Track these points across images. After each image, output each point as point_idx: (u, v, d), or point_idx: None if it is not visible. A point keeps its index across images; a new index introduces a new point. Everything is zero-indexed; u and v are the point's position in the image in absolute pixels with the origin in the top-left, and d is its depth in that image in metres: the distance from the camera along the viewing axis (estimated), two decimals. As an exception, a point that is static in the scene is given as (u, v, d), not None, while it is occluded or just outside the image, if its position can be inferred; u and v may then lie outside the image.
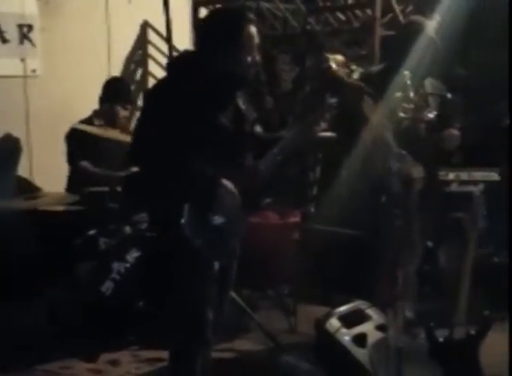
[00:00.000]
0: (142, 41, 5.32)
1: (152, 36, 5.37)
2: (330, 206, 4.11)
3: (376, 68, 3.65)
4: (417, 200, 2.25)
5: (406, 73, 3.15)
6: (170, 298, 2.52)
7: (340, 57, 5.63)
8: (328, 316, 2.82)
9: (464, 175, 4.03)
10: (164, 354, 2.70)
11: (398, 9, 4.45)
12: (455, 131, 3.29)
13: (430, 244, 2.80)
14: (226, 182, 2.36)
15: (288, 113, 4.63)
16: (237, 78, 2.42)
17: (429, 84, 3.52)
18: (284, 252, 3.99)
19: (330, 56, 5.58)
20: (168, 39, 3.36)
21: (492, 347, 3.35)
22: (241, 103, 2.52)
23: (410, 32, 3.35)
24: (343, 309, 2.87)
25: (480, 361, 2.79)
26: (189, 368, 2.46)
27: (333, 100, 2.46)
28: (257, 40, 2.41)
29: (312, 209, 4.99)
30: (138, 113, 3.61)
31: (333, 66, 2.44)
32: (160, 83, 2.54)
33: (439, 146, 3.27)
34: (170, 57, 3.44)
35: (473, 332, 2.78)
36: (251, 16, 2.44)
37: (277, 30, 4.82)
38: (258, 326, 3.68)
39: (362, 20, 4.57)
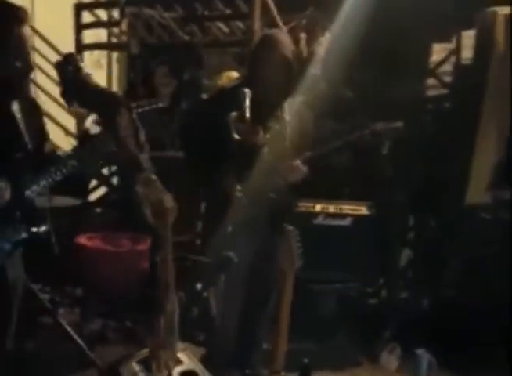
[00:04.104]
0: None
1: (38, 43, 5.06)
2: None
3: (230, 83, 3.34)
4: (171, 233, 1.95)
5: (246, 90, 2.86)
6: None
7: (234, 73, 5.37)
8: (127, 358, 2.47)
9: (332, 208, 3.80)
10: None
11: (282, 23, 4.14)
12: (295, 164, 2.92)
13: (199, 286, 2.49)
14: None
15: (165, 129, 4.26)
16: (3, 85, 2.10)
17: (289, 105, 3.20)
18: (134, 281, 3.66)
19: (226, 73, 5.32)
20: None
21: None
22: (19, 117, 2.19)
23: (257, 47, 3.03)
24: (147, 350, 2.52)
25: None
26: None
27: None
28: (29, 43, 2.12)
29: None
30: None
31: (82, 66, 2.09)
32: None
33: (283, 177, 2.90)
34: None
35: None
36: (25, 15, 2.14)
37: (162, 39, 4.48)
38: (93, 361, 3.35)
39: (246, 33, 4.28)
